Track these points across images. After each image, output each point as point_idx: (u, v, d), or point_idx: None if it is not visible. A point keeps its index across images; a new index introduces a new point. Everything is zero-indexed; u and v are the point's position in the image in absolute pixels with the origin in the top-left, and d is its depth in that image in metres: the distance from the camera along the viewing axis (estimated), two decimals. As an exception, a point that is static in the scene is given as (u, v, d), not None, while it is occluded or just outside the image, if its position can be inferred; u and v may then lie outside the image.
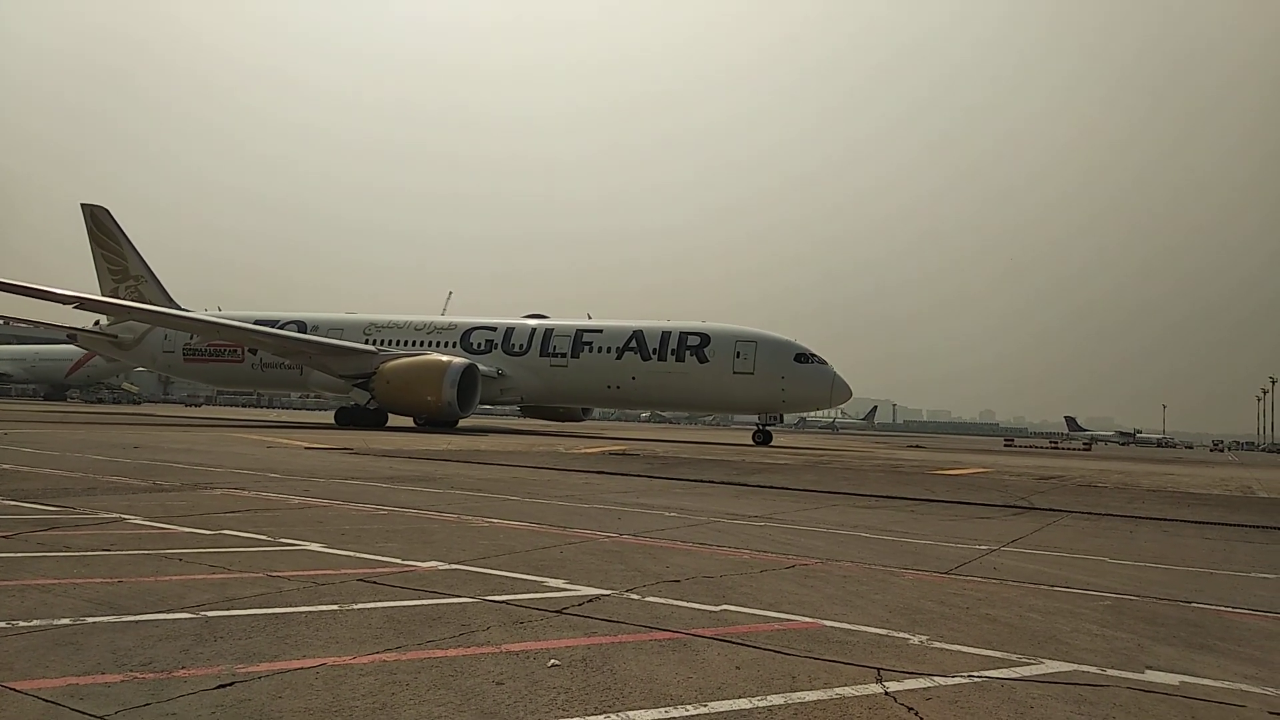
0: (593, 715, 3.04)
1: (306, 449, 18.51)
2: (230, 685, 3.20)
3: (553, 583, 5.29)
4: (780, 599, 5.14)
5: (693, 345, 32.11)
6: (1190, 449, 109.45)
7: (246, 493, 9.61)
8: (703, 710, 3.15)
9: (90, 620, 4.01)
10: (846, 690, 3.44)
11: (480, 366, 32.22)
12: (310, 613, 4.33)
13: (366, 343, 35.10)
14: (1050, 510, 11.45)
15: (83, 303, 33.30)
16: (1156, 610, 5.35)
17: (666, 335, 32.64)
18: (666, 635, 4.18)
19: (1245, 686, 3.73)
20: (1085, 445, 73.20)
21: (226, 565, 5.46)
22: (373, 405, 32.46)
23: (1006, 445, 63.39)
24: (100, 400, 70.49)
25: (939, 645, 4.20)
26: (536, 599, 4.84)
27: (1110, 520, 10.64)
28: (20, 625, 3.88)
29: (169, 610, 4.25)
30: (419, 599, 4.75)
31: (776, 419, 34.41)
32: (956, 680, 3.65)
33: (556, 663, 3.62)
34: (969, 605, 5.21)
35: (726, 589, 5.36)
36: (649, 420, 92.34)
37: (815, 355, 31.48)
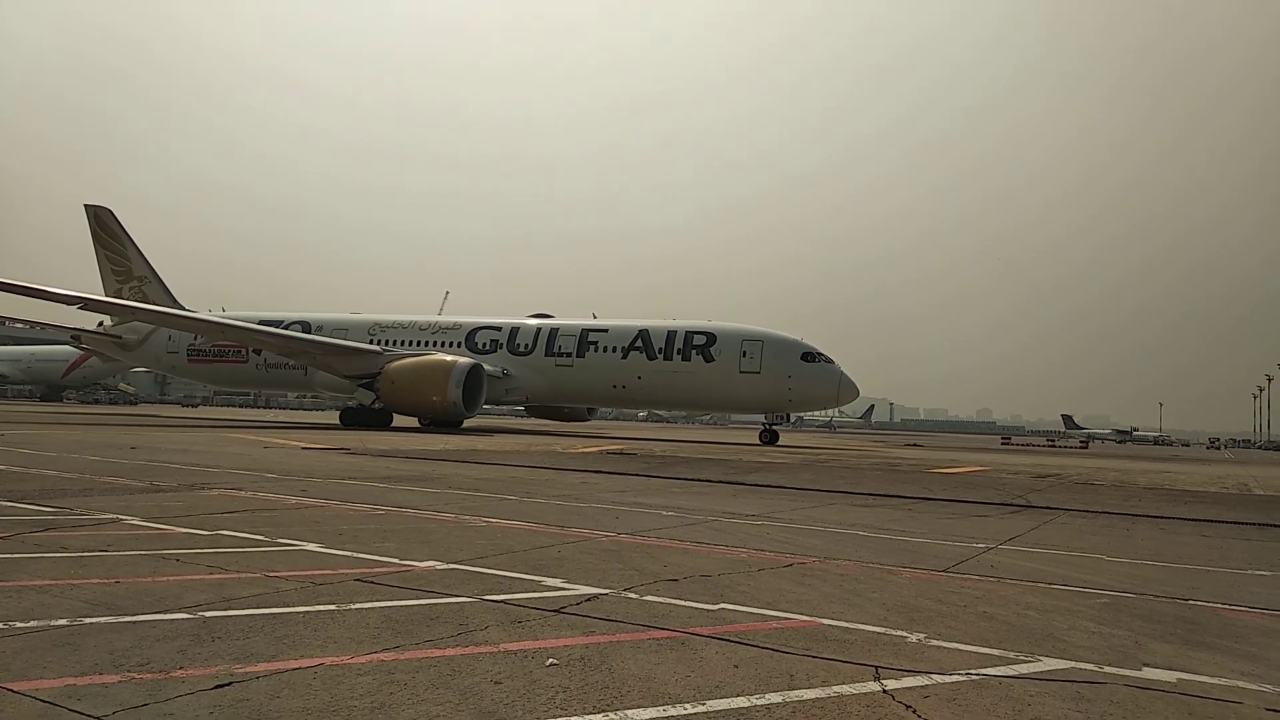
0: (591, 714, 3.04)
1: (304, 449, 18.49)
2: (228, 685, 3.20)
3: (551, 582, 5.29)
4: (778, 598, 5.14)
5: (699, 345, 31.98)
6: (1187, 447, 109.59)
7: (244, 493, 9.60)
8: (701, 709, 3.15)
9: (87, 621, 4.00)
10: (844, 688, 3.44)
11: (485, 366, 32.17)
12: (308, 613, 4.33)
13: (371, 343, 35.04)
14: (1047, 508, 11.46)
15: (87, 303, 33.23)
16: (1153, 608, 5.36)
17: (672, 334, 32.51)
18: (664, 634, 4.18)
19: (1242, 683, 3.73)
20: (1082, 443, 73.26)
21: (224, 565, 5.45)
22: (378, 405, 32.41)
23: (1004, 444, 63.43)
24: (97, 401, 70.39)
25: (937, 643, 4.21)
26: (534, 598, 4.84)
27: (1107, 518, 10.65)
28: (17, 626, 3.87)
29: (166, 611, 4.25)
30: (417, 599, 4.75)
31: (783, 418, 34.29)
32: (954, 678, 3.66)
33: (555, 662, 3.62)
34: (966, 603, 5.22)
35: (724, 588, 5.36)
36: (647, 419, 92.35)
37: (822, 354, 31.35)
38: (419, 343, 35.37)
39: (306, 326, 36.40)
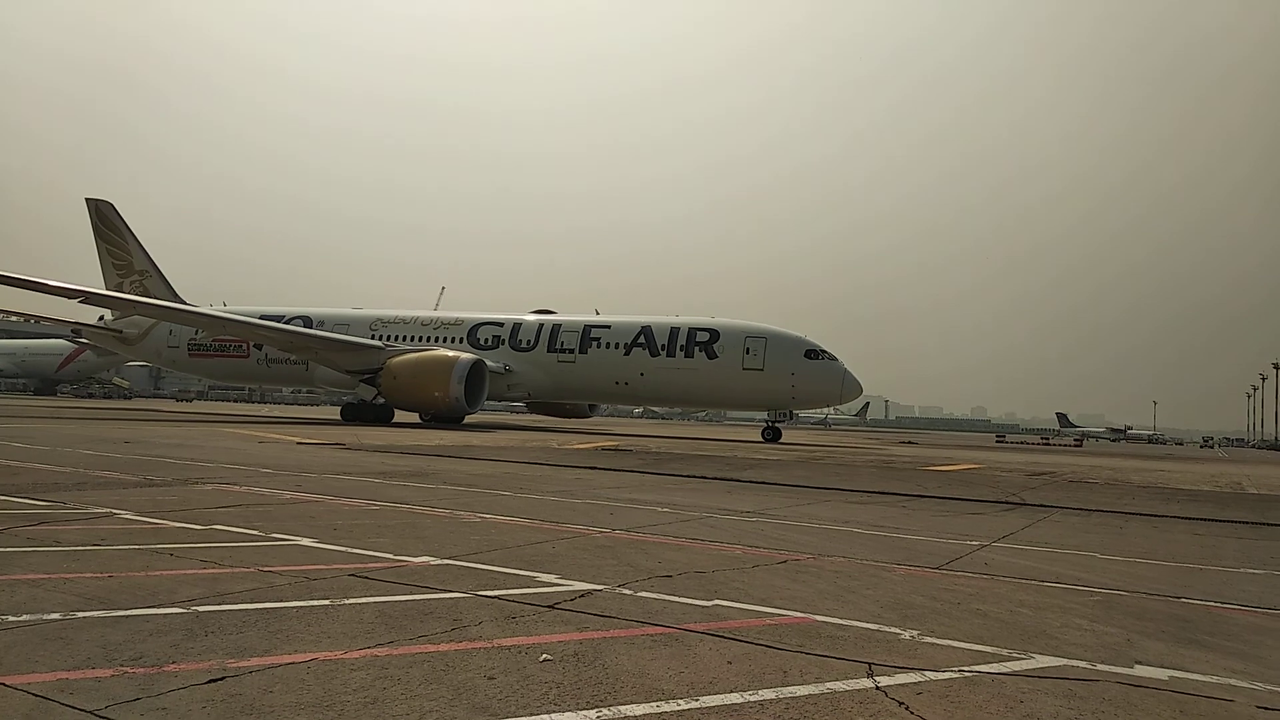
0: (584, 710, 3.04)
1: (298, 444, 18.48)
2: (221, 680, 3.20)
3: (545, 578, 5.29)
4: (772, 594, 5.15)
5: (702, 341, 31.88)
6: (1180, 445, 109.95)
7: (238, 488, 9.59)
8: (694, 705, 3.15)
9: (80, 615, 3.99)
10: (838, 685, 3.45)
11: (488, 362, 32.10)
12: (302, 607, 4.32)
13: (373, 338, 34.95)
14: (1041, 506, 11.48)
15: (88, 297, 33.12)
16: (1146, 605, 5.38)
17: (675, 331, 32.41)
18: (658, 630, 4.19)
19: (1234, 681, 3.75)
20: (1076, 442, 73.45)
21: (218, 560, 5.45)
22: (379, 401, 32.33)
23: (998, 442, 63.56)
24: (91, 395, 70.19)
25: (930, 640, 4.22)
26: (528, 594, 4.84)
27: (1100, 516, 10.68)
28: (10, 620, 3.86)
29: (160, 605, 4.24)
30: (411, 594, 4.75)
31: (786, 416, 34.24)
32: (947, 675, 3.66)
33: (548, 657, 3.62)
34: (960, 600, 5.23)
35: (718, 584, 5.37)
36: (643, 416, 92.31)
37: (825, 351, 31.23)
38: (421, 338, 35.28)
39: (308, 321, 36.30)
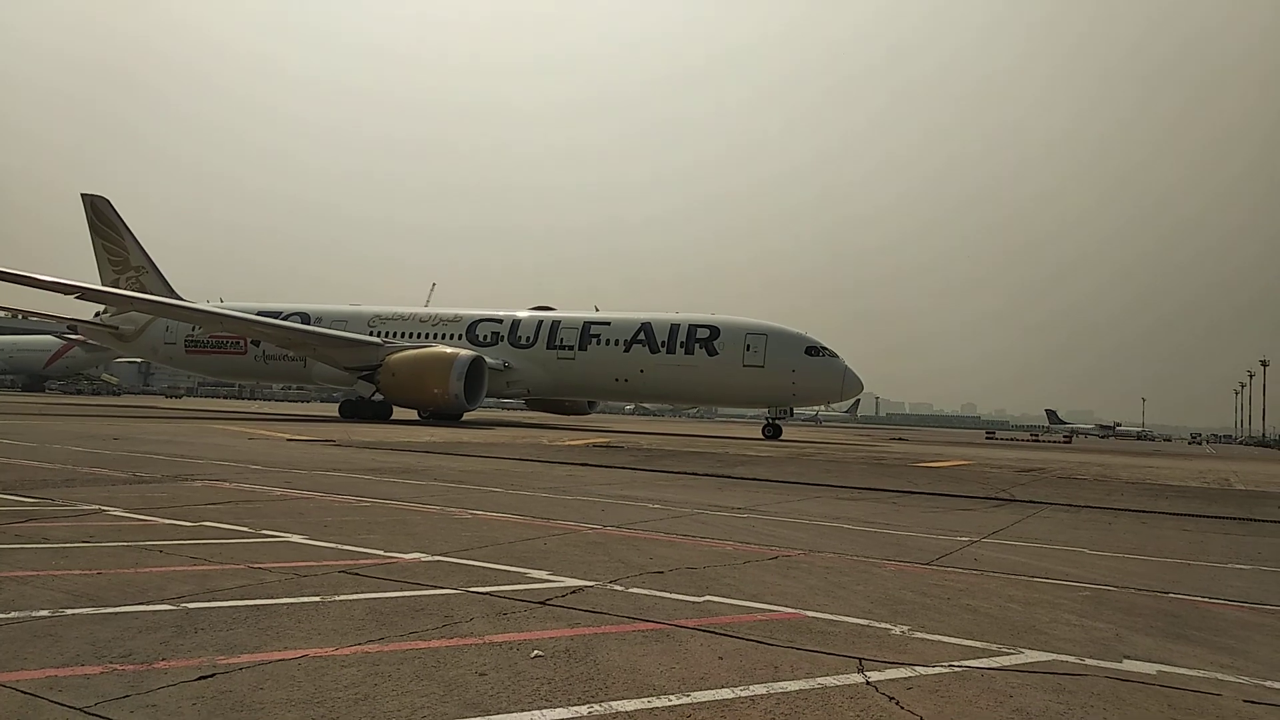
0: (576, 706, 3.04)
1: (289, 441, 18.43)
2: (211, 677, 3.19)
3: (536, 574, 5.29)
4: (763, 590, 5.16)
5: (702, 338, 31.77)
6: (1169, 442, 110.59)
7: (228, 484, 9.56)
8: (685, 700, 3.16)
9: (69, 612, 3.98)
10: (828, 680, 3.46)
11: (487, 359, 32.00)
12: (292, 604, 4.31)
13: (371, 335, 34.76)
14: (1031, 502, 11.53)
15: (85, 293, 32.86)
16: (1134, 601, 5.41)
17: (675, 327, 32.29)
18: (650, 626, 4.19)
19: (1221, 676, 3.77)
20: (1065, 438, 73.74)
21: (207, 557, 5.43)
22: (377, 398, 32.13)
23: (988, 438, 63.78)
24: (80, 391, 69.79)
25: (920, 635, 4.23)
26: (520, 590, 4.84)
27: (1089, 512, 10.73)
28: (-2, 617, 3.85)
29: (149, 602, 4.23)
30: (402, 590, 4.74)
31: (786, 413, 34.21)
32: (937, 670, 3.68)
33: (540, 654, 3.62)
34: (950, 596, 5.25)
35: (709, 580, 5.37)
36: (634, 413, 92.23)
37: (826, 348, 31.13)
38: (419, 335, 35.13)
39: (305, 318, 36.11)
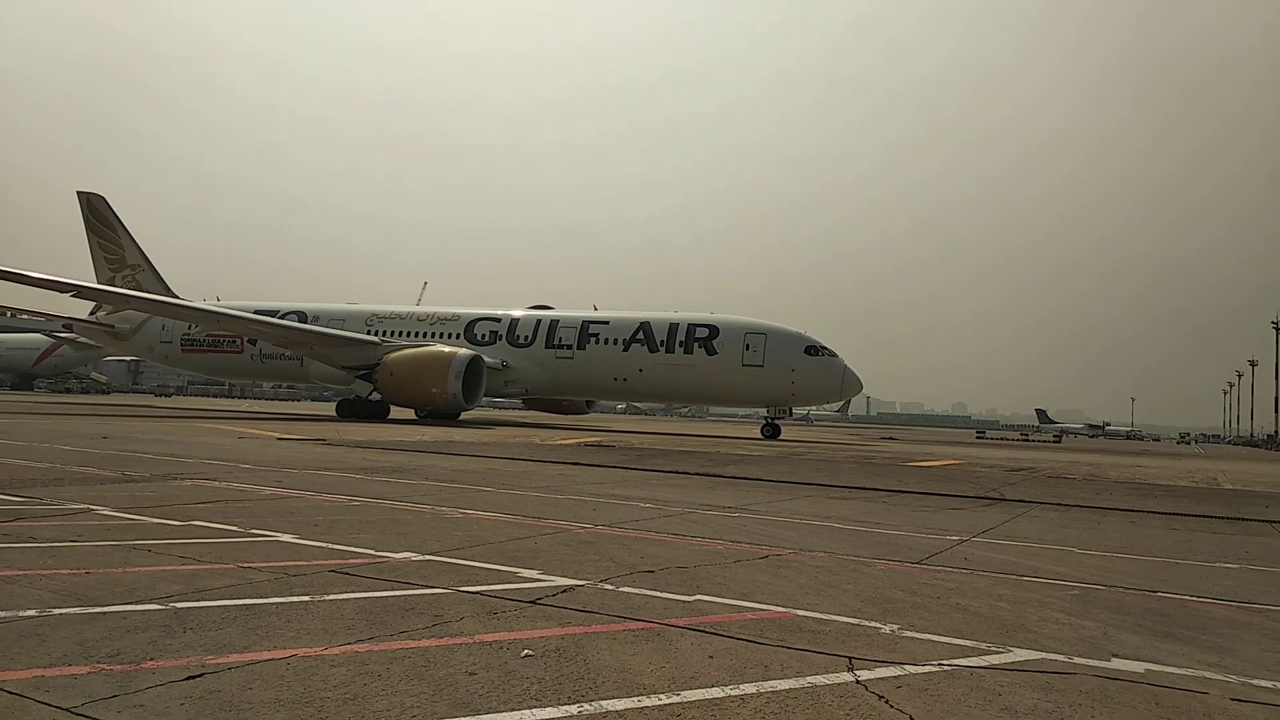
0: (566, 705, 3.04)
1: (279, 440, 18.38)
2: (200, 676, 3.17)
3: (527, 573, 5.29)
4: (753, 589, 5.16)
5: (701, 337, 31.73)
6: (1158, 441, 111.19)
7: (217, 483, 9.52)
8: (675, 699, 3.16)
9: (57, 612, 3.96)
10: (818, 679, 3.46)
11: (485, 358, 31.90)
12: (282, 604, 4.30)
13: (368, 334, 34.63)
14: (1020, 501, 11.57)
15: (81, 291, 32.65)
16: (1123, 599, 5.43)
17: (674, 327, 32.24)
18: (640, 625, 4.19)
19: (1209, 674, 3.79)
20: (1055, 438, 74.04)
21: (196, 556, 5.41)
22: (375, 397, 32.01)
23: (978, 438, 64.00)
24: (68, 390, 69.42)
25: (910, 634, 4.24)
26: (510, 590, 4.83)
27: (1079, 511, 10.77)
28: (-16, 617, 3.82)
29: (137, 601, 4.21)
30: (392, 590, 4.73)
31: (786, 412, 34.12)
32: (927, 669, 3.69)
33: (530, 653, 3.62)
34: (940, 595, 5.26)
35: (700, 579, 5.38)
36: (625, 412, 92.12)
37: (825, 347, 31.09)
38: (417, 334, 35.02)
39: (303, 317, 35.96)
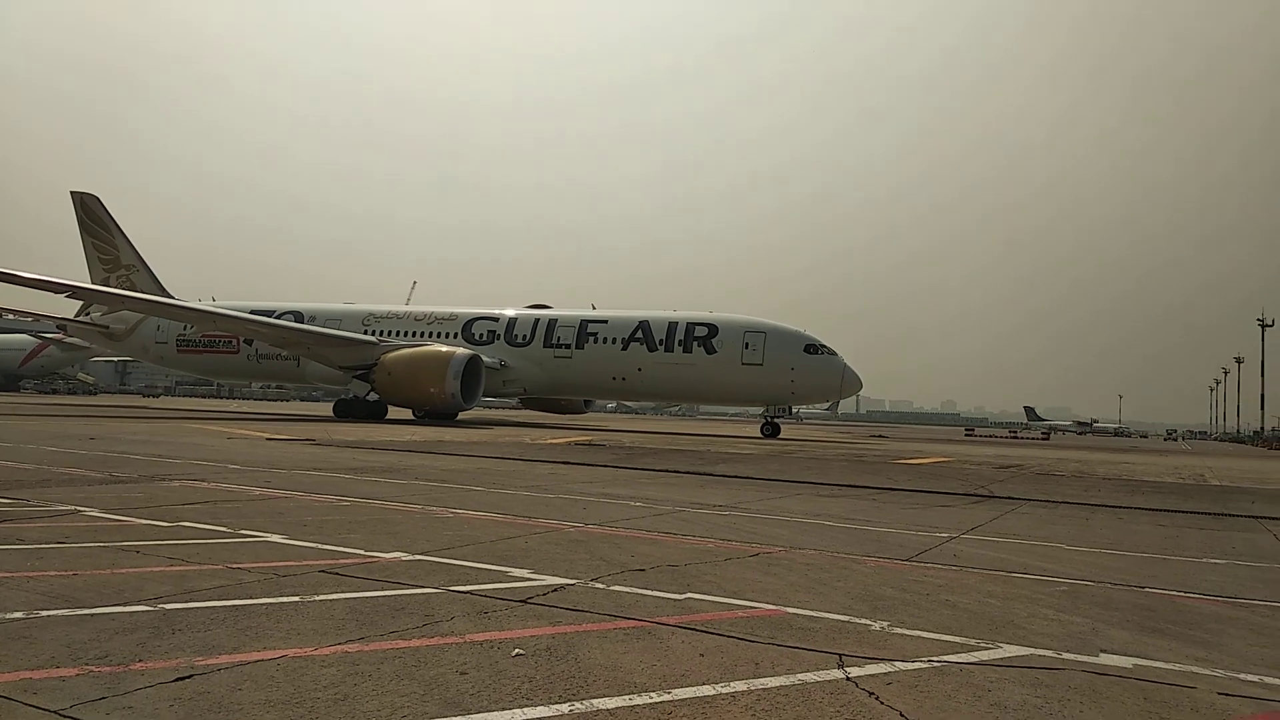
0: (557, 704, 3.04)
1: (268, 440, 18.31)
2: (189, 678, 3.16)
3: (517, 573, 5.28)
4: (744, 587, 5.17)
5: (700, 336, 31.60)
6: (1145, 438, 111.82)
7: (206, 484, 9.48)
8: (666, 697, 3.16)
9: (44, 614, 3.93)
10: (809, 676, 3.47)
11: (483, 358, 31.80)
12: (271, 604, 4.29)
13: (365, 334, 34.44)
14: (1009, 498, 11.62)
15: (75, 291, 32.41)
16: (1111, 595, 5.46)
17: (673, 326, 32.11)
18: (631, 624, 4.20)
19: (1196, 669, 3.81)
20: (1044, 435, 74.39)
21: (185, 557, 5.38)
22: (372, 397, 31.85)
23: (967, 435, 64.18)
24: (55, 391, 68.98)
25: (900, 631, 4.26)
26: (501, 589, 4.83)
27: (1067, 508, 10.82)
28: (-29, 619, 3.80)
29: (126, 603, 4.18)
30: (382, 590, 4.72)
31: (785, 411, 33.97)
32: (917, 665, 3.70)
33: (521, 652, 3.62)
34: (929, 591, 5.28)
35: (691, 577, 5.38)
36: (616, 411, 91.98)
37: (825, 346, 30.97)
38: (415, 333, 34.84)
39: (299, 316, 35.74)
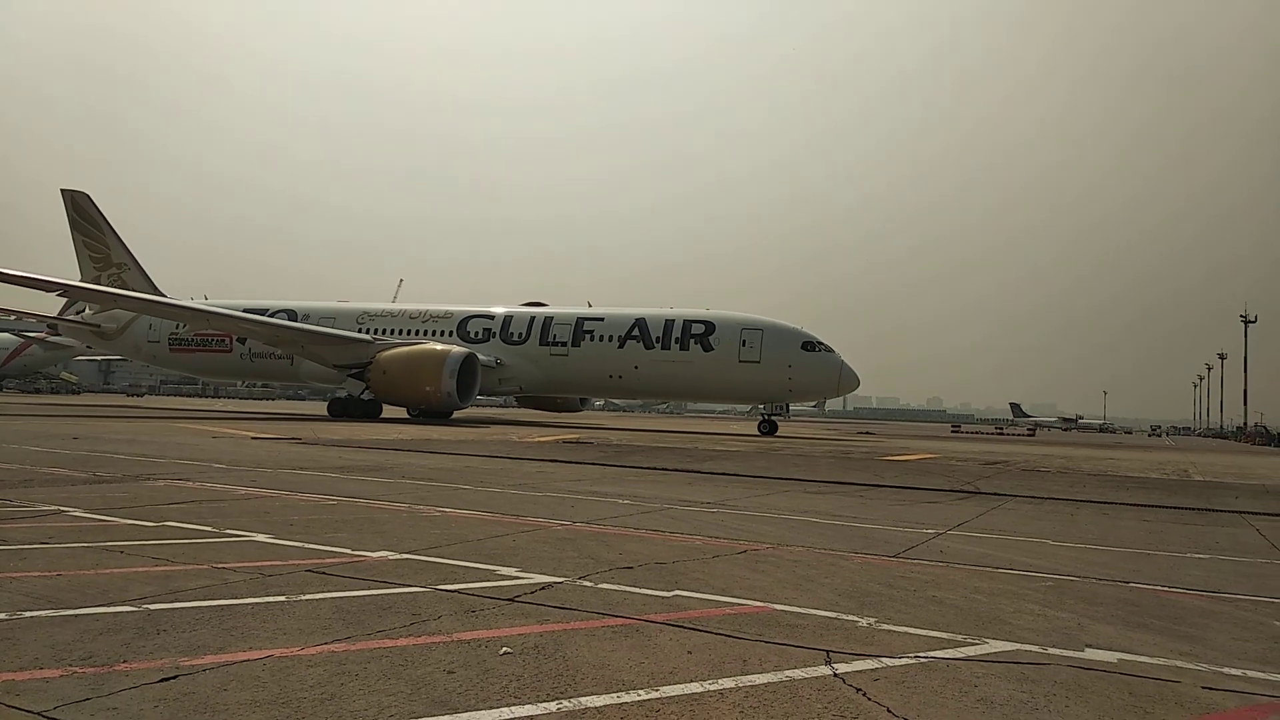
0: (545, 702, 3.04)
1: (253, 439, 18.22)
2: (174, 679, 3.14)
3: (505, 571, 5.28)
4: (732, 584, 5.18)
5: (697, 334, 31.61)
6: (1130, 434, 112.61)
7: (191, 483, 9.42)
8: (654, 695, 3.16)
9: (27, 615, 3.90)
10: (796, 672, 3.48)
11: (479, 356, 31.72)
12: (257, 604, 4.26)
13: (360, 332, 34.28)
14: (995, 494, 11.68)
15: (68, 290, 32.15)
16: (1096, 590, 5.50)
17: (670, 323, 32.09)
18: (619, 621, 4.19)
19: (1180, 663, 3.84)
20: (1029, 431, 74.76)
21: (170, 557, 5.35)
22: (367, 396, 31.72)
23: (954, 431, 64.44)
24: (38, 390, 68.41)
25: (887, 627, 4.27)
26: (489, 587, 4.82)
27: (1053, 504, 10.89)
28: (-47, 621, 3.76)
29: (110, 603, 4.16)
30: (369, 589, 4.70)
31: (783, 409, 34.03)
32: (903, 661, 3.72)
33: (509, 651, 3.61)
34: (916, 588, 5.30)
35: (679, 575, 5.39)
36: (604, 409, 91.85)
37: (822, 343, 31.06)
38: (409, 332, 34.71)
39: (293, 315, 35.53)
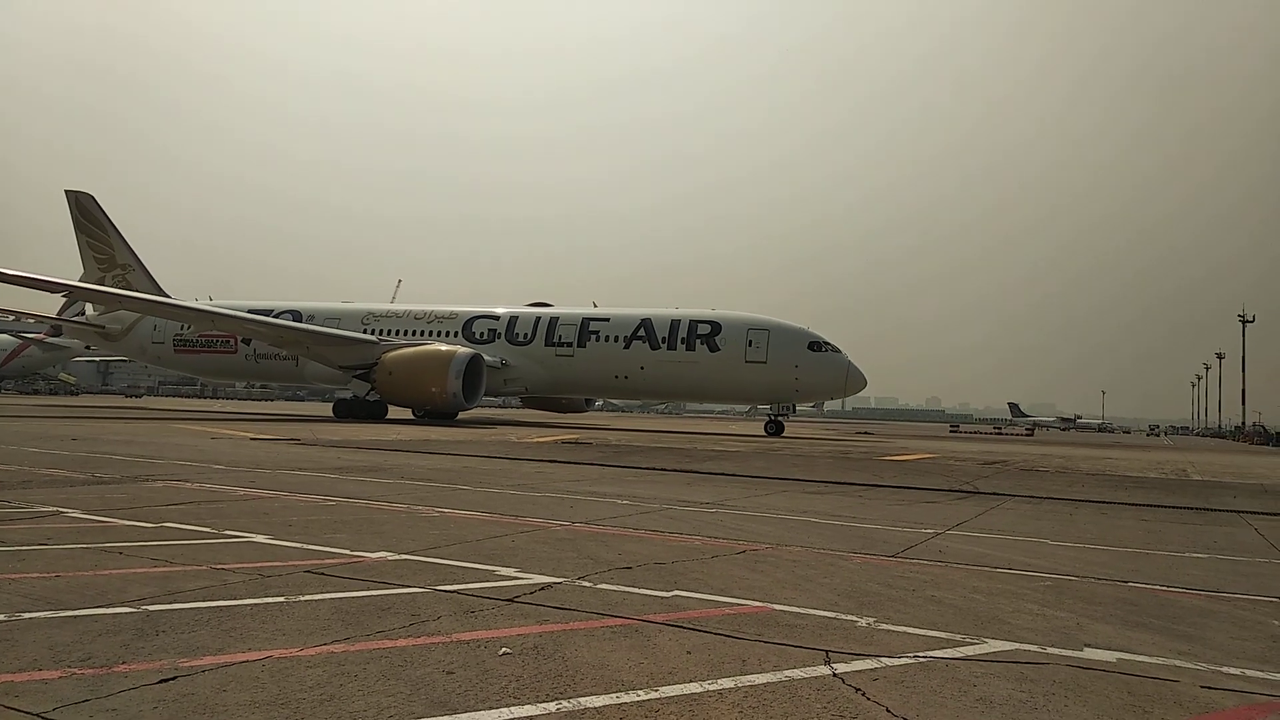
0: (544, 702, 3.04)
1: (252, 440, 18.21)
2: (173, 680, 3.14)
3: (504, 571, 5.27)
4: (731, 584, 5.18)
5: (703, 334, 31.57)
6: (1128, 434, 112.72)
7: (189, 484, 9.42)
8: (654, 695, 3.16)
9: (26, 616, 3.90)
10: (796, 672, 3.48)
11: (484, 357, 31.67)
12: (256, 605, 4.26)
13: (365, 333, 34.25)
14: (994, 494, 11.69)
15: (73, 291, 32.14)
16: (1095, 590, 5.50)
17: (676, 323, 32.05)
18: (618, 622, 4.19)
19: (1179, 662, 3.85)
20: (1028, 431, 74.78)
21: (169, 558, 5.35)
22: (373, 397, 31.64)
23: (952, 431, 64.44)
24: (36, 391, 68.36)
25: (886, 627, 4.27)
26: (488, 588, 4.82)
27: (1051, 503, 10.89)
28: (-49, 622, 3.76)
29: (109, 605, 4.15)
30: (368, 590, 4.70)
31: (789, 409, 34.01)
32: (903, 661, 3.72)
33: (508, 651, 3.61)
34: (915, 588, 5.30)
35: (678, 575, 5.39)
36: (602, 409, 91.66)
37: (829, 343, 30.99)
38: (415, 332, 34.67)
39: (298, 316, 35.50)
